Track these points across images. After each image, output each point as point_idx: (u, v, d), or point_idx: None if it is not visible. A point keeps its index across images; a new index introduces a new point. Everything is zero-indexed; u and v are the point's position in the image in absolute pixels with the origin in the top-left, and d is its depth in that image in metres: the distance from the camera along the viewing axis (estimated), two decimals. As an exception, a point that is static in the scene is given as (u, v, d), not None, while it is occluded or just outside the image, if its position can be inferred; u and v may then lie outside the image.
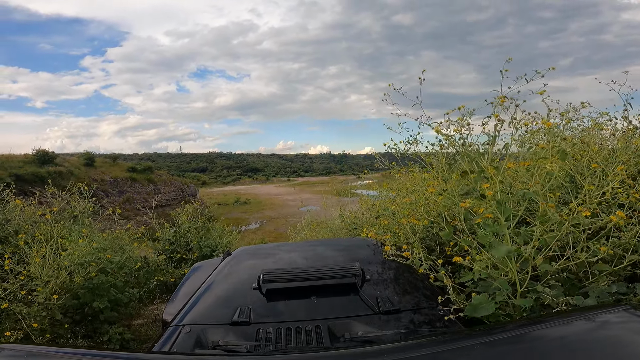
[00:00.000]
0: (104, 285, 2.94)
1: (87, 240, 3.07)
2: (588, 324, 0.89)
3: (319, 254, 2.08)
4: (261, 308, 1.44)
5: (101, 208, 20.37)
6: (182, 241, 4.81)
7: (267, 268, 1.65)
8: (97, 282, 2.87)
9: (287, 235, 22.86)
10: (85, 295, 2.87)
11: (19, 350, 0.83)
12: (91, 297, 2.88)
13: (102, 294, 2.92)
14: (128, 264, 3.71)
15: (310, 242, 2.84)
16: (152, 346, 1.30)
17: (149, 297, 4.06)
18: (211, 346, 1.20)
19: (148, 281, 4.09)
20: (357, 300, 1.47)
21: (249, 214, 34.08)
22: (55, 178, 23.17)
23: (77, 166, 25.52)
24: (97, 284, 2.88)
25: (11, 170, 19.53)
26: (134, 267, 3.96)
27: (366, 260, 1.85)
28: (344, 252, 2.08)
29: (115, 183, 27.05)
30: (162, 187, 30.85)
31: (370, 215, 4.27)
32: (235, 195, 45.78)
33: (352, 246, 2.25)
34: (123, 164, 31.89)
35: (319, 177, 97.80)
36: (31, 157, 22.59)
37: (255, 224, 29.05)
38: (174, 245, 4.76)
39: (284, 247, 2.38)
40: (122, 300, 3.12)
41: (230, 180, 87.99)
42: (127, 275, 3.69)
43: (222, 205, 39.73)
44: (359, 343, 1.20)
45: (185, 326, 1.33)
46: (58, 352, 0.88)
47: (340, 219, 5.38)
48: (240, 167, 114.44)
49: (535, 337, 0.83)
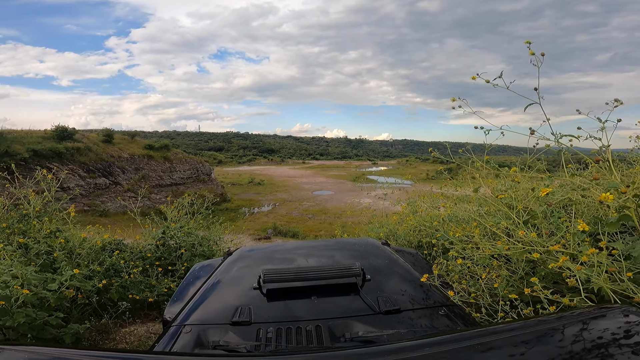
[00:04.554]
0: (23, 328, 2.06)
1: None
2: (587, 324, 0.88)
3: (320, 254, 2.06)
4: (262, 308, 1.44)
5: (116, 185, 20.34)
6: (172, 245, 3.98)
7: (267, 268, 1.64)
8: (11, 324, 1.99)
9: (298, 219, 22.80)
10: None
11: (19, 350, 0.82)
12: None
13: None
14: (81, 284, 2.76)
15: (311, 242, 2.74)
16: (153, 346, 1.30)
17: (121, 319, 3.22)
18: (212, 346, 1.19)
19: (119, 302, 3.23)
20: (357, 300, 1.47)
21: (263, 195, 34.01)
22: (73, 154, 23.55)
23: (96, 142, 25.79)
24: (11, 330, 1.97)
25: (29, 146, 19.87)
26: (95, 285, 3.01)
27: (367, 260, 1.83)
28: (344, 252, 2.07)
29: (132, 160, 27.30)
30: (177, 165, 31.02)
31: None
32: (250, 176, 45.80)
33: (353, 246, 2.23)
34: (141, 140, 32.10)
35: (334, 161, 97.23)
36: (50, 133, 22.85)
37: (268, 207, 28.97)
38: (160, 250, 3.94)
39: (285, 247, 2.37)
40: (64, 341, 2.30)
41: (245, 160, 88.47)
42: (73, 303, 2.81)
43: (236, 185, 39.96)
44: (360, 343, 1.20)
45: (186, 326, 1.33)
46: (58, 352, 0.87)
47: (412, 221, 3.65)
48: (256, 148, 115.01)
49: (535, 337, 0.83)
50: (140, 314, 3.40)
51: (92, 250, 3.62)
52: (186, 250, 3.93)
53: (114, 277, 3.53)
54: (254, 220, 22.76)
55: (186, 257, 3.88)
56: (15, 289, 2.11)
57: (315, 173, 58.37)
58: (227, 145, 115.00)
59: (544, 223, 1.89)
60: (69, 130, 23.79)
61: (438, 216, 3.33)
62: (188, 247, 3.98)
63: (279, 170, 61.04)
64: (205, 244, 4.27)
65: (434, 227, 3.52)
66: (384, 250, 2.02)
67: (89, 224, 4.89)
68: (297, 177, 49.36)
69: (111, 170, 24.84)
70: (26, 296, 2.12)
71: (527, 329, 0.88)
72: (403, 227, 3.81)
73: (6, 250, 2.60)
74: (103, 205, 22.16)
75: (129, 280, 3.43)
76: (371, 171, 63.85)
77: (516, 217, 1.77)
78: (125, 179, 25.50)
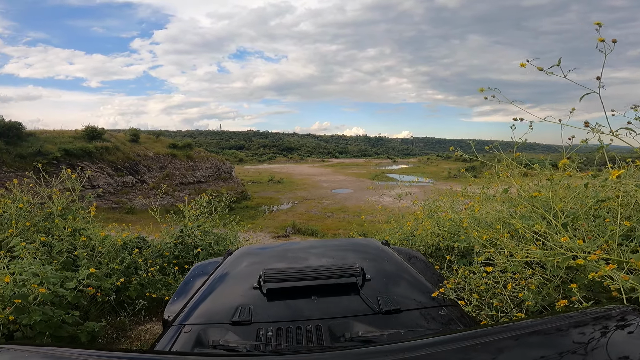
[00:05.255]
0: (40, 326, 2.08)
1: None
2: (588, 324, 0.87)
3: (320, 254, 2.06)
4: (262, 307, 1.43)
5: (142, 183, 21.03)
6: (190, 244, 3.99)
7: (267, 267, 1.64)
8: (27, 322, 2.02)
9: (317, 218, 22.78)
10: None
11: (19, 350, 0.82)
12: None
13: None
14: (103, 283, 2.88)
15: (311, 242, 2.76)
16: (153, 346, 1.30)
17: (137, 317, 3.26)
18: (212, 346, 1.19)
19: (137, 300, 3.28)
20: (357, 300, 1.47)
21: (282, 193, 34.28)
22: (102, 153, 24.56)
23: (123, 142, 26.79)
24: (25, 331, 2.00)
25: (61, 145, 20.86)
26: (114, 283, 3.08)
27: (367, 260, 1.83)
28: (344, 252, 2.07)
29: (156, 159, 28.17)
30: (200, 163, 31.74)
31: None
32: (270, 174, 46.30)
33: (353, 246, 2.23)
34: (165, 140, 33.08)
35: (354, 159, 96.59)
36: (81, 133, 23.91)
37: (287, 205, 29.14)
38: (178, 249, 3.97)
39: (285, 247, 2.36)
40: (79, 339, 2.36)
41: (265, 158, 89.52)
42: (92, 300, 2.84)
43: (256, 183, 40.47)
44: (360, 343, 1.19)
45: (186, 325, 1.33)
46: (58, 352, 0.86)
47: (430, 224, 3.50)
48: (276, 146, 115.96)
49: (535, 337, 0.83)
50: (157, 312, 3.43)
51: (112, 248, 3.68)
52: (202, 250, 3.92)
53: (133, 274, 3.58)
54: (273, 218, 22.94)
55: (202, 256, 3.88)
56: (33, 287, 2.14)
57: (335, 171, 58.21)
58: (247, 143, 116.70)
59: (585, 225, 1.72)
60: (98, 130, 24.85)
61: (460, 219, 3.15)
62: (205, 247, 3.97)
63: (298, 169, 61.33)
64: (222, 243, 4.25)
65: (454, 230, 3.35)
66: (384, 250, 2.02)
67: (116, 221, 5.00)
68: (316, 175, 49.41)
69: (137, 168, 25.74)
70: (43, 295, 2.15)
71: (528, 329, 0.87)
72: (420, 230, 3.65)
73: (27, 248, 2.66)
74: (130, 202, 22.99)
75: (146, 278, 3.46)
76: (391, 169, 63.05)
77: (553, 218, 1.61)
78: (151, 177, 26.34)
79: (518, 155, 1.94)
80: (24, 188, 3.66)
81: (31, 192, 3.75)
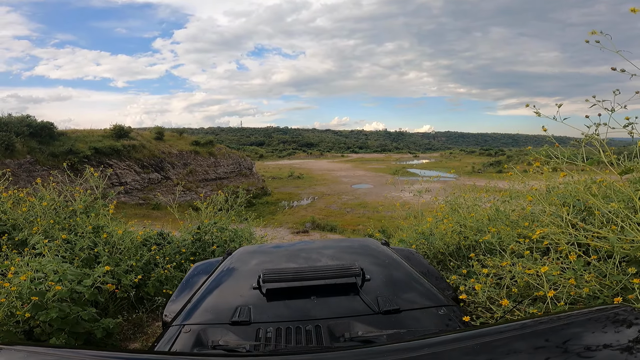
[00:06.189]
0: (56, 323, 2.09)
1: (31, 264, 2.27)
2: (588, 324, 0.88)
3: (319, 254, 2.05)
4: (261, 308, 1.44)
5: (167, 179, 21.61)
6: (207, 241, 3.99)
7: (267, 268, 1.64)
8: (44, 319, 2.06)
9: (337, 213, 22.68)
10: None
11: (19, 350, 0.83)
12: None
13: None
14: (122, 278, 2.94)
15: (311, 242, 2.73)
16: (153, 346, 1.30)
17: (154, 313, 3.31)
18: (211, 346, 1.19)
19: (155, 296, 3.33)
20: (357, 300, 1.47)
21: (302, 189, 34.38)
22: (129, 151, 25.55)
23: (149, 140, 27.69)
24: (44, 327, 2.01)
25: (91, 144, 21.83)
26: (132, 280, 3.12)
27: (366, 260, 1.82)
28: (344, 253, 2.06)
29: (180, 155, 28.95)
30: (221, 160, 32.34)
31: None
32: (290, 169, 46.53)
33: (353, 246, 2.23)
34: (188, 137, 33.90)
35: (374, 154, 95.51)
36: (109, 132, 24.94)
37: (307, 200, 29.22)
38: (195, 245, 4.00)
39: (284, 247, 2.38)
40: (95, 336, 2.35)
41: (285, 154, 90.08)
42: (109, 297, 2.89)
43: (276, 178, 40.79)
44: (359, 343, 1.19)
45: (186, 326, 1.34)
46: (58, 352, 0.86)
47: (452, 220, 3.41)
48: (296, 142, 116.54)
49: (535, 337, 0.83)
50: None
51: (132, 244, 3.75)
52: (218, 247, 3.93)
53: (152, 271, 3.63)
54: (293, 214, 23.06)
55: (218, 253, 3.88)
56: (50, 284, 2.19)
57: (354, 166, 57.76)
58: (267, 139, 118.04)
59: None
60: (125, 129, 25.81)
61: (483, 216, 2.97)
62: (221, 244, 3.98)
63: (318, 164, 61.31)
64: (237, 240, 4.25)
65: (479, 226, 3.20)
66: (383, 250, 2.02)
67: (143, 216, 5.13)
68: (335, 171, 49.22)
69: (162, 165, 26.56)
70: (60, 292, 2.20)
71: (527, 329, 0.87)
72: (443, 227, 3.48)
73: (49, 246, 2.74)
74: (155, 198, 23.80)
75: (164, 275, 3.50)
76: (412, 164, 61.77)
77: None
78: (175, 174, 27.12)
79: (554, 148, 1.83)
80: (50, 187, 3.79)
81: (56, 190, 3.87)
